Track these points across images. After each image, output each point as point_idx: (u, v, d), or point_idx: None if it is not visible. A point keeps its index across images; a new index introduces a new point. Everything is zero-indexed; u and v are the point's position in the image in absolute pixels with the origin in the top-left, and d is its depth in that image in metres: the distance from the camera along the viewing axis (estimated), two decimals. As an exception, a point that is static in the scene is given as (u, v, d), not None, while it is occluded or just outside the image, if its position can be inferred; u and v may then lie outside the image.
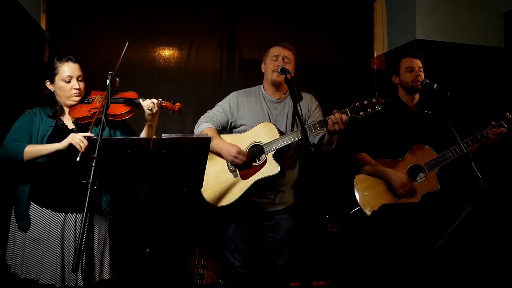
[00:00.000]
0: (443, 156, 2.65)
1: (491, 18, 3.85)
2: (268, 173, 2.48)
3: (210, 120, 2.67)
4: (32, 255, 2.18)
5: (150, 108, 2.20)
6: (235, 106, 2.66)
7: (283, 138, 2.49)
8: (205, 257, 3.37)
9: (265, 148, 2.51)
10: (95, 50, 3.50)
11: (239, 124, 2.67)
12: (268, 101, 2.67)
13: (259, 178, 2.49)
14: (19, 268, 2.19)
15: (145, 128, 2.33)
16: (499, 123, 2.62)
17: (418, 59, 2.84)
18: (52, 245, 2.18)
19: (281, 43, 2.65)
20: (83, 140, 2.01)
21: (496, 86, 3.77)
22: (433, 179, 2.66)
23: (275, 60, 2.59)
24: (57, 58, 2.29)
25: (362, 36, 4.07)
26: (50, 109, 2.30)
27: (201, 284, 3.33)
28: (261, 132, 2.55)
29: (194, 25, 3.73)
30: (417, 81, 2.77)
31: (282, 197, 2.64)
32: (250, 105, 2.66)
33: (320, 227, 3.76)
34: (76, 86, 2.26)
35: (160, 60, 3.68)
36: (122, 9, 3.60)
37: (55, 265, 2.16)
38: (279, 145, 2.48)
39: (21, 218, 2.20)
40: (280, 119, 2.63)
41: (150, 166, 1.97)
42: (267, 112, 2.64)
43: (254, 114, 2.63)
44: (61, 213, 2.22)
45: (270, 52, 2.64)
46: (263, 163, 2.51)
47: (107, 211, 2.35)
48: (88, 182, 1.77)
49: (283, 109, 2.65)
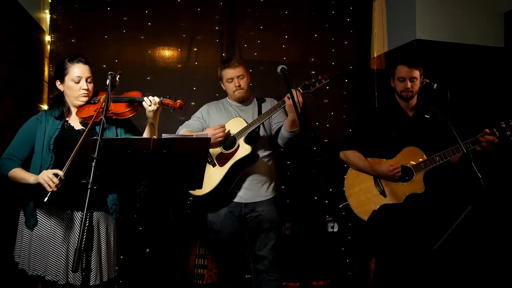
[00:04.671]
0: (432, 160, 2.67)
1: (491, 18, 3.85)
2: (242, 154, 2.70)
3: (187, 127, 2.91)
4: (39, 251, 2.23)
5: (151, 104, 2.26)
6: (206, 114, 2.95)
7: (249, 124, 2.74)
8: (205, 257, 3.37)
9: (236, 137, 2.76)
10: (95, 50, 3.50)
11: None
12: (234, 107, 2.95)
13: (235, 161, 2.71)
14: (26, 265, 2.25)
15: (147, 127, 2.37)
16: (492, 131, 2.61)
17: (415, 68, 2.80)
18: (57, 242, 2.23)
19: (229, 64, 2.84)
20: (53, 179, 2.03)
21: (496, 86, 3.77)
22: (419, 181, 2.70)
23: (231, 82, 2.85)
24: (68, 59, 2.36)
25: (362, 36, 4.07)
26: (57, 109, 2.36)
27: (201, 284, 3.33)
28: (231, 126, 2.80)
29: (194, 25, 3.73)
30: (405, 92, 2.79)
31: (262, 189, 2.83)
32: (219, 111, 2.94)
33: (320, 227, 3.76)
34: (85, 87, 2.33)
35: (160, 60, 3.68)
36: (122, 9, 3.60)
37: (59, 262, 2.21)
38: (247, 130, 2.73)
39: (28, 218, 2.25)
40: (247, 117, 2.86)
41: (150, 166, 1.97)
42: (234, 114, 2.90)
43: (223, 117, 2.89)
44: (67, 210, 2.27)
45: (224, 74, 2.87)
46: (236, 149, 2.75)
47: (113, 210, 2.38)
48: (88, 182, 1.77)
49: (248, 110, 2.92)
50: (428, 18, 3.70)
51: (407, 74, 2.80)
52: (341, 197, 2.89)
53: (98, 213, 2.32)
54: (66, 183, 2.14)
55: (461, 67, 3.70)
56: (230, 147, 2.78)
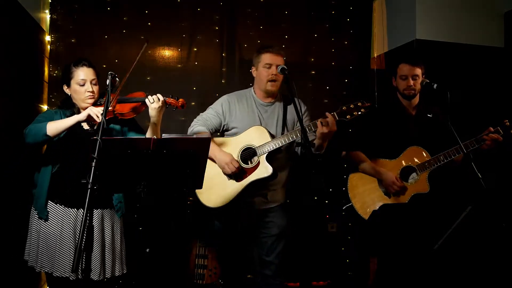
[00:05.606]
0: (436, 159, 2.66)
1: (491, 18, 3.85)
2: (261, 175, 2.55)
3: (204, 123, 2.72)
4: (46, 248, 2.31)
5: (154, 102, 2.29)
6: (227, 110, 2.72)
7: (274, 140, 2.56)
8: (205, 257, 3.37)
9: (258, 151, 2.58)
10: (95, 50, 3.50)
11: (231, 127, 2.73)
12: (258, 105, 2.73)
13: (252, 180, 2.57)
14: (34, 262, 2.33)
15: (150, 127, 2.40)
16: (496, 130, 2.61)
17: (417, 66, 2.81)
18: (65, 239, 2.30)
19: (273, 50, 2.66)
20: (99, 112, 2.20)
21: (496, 86, 3.77)
22: (424, 181, 2.69)
23: (268, 68, 2.61)
24: (73, 64, 2.42)
25: (362, 36, 4.06)
26: (68, 110, 2.42)
27: (201, 284, 3.33)
28: (253, 135, 2.62)
29: (194, 25, 3.73)
30: (408, 90, 2.78)
31: (273, 195, 2.72)
32: (241, 108, 2.72)
33: (320, 227, 3.76)
34: (90, 89, 2.39)
35: (160, 60, 3.68)
36: (122, 9, 3.60)
37: (68, 259, 2.27)
38: (271, 148, 2.55)
39: (42, 210, 2.32)
40: (271, 122, 2.70)
41: (150, 166, 1.97)
42: (258, 116, 2.70)
43: (245, 117, 2.69)
44: (73, 208, 2.34)
45: (262, 58, 2.66)
46: (256, 165, 2.58)
47: (119, 207, 2.44)
48: (88, 182, 1.77)
49: (273, 112, 2.71)
50: (428, 18, 3.70)
51: (409, 72, 2.79)
52: (341, 197, 2.88)
53: (104, 211, 2.40)
54: (73, 181, 2.21)
55: (461, 67, 3.70)
56: (248, 160, 2.62)
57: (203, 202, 2.65)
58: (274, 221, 2.72)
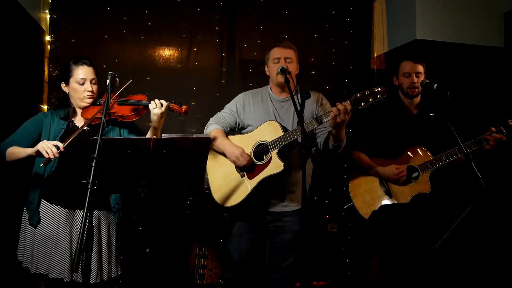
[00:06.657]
0: (438, 159, 2.65)
1: (491, 18, 3.85)
2: (272, 171, 2.49)
3: (218, 121, 2.71)
4: (42, 250, 2.25)
5: (156, 107, 2.25)
6: (241, 107, 2.69)
7: (286, 135, 2.48)
8: (205, 257, 3.37)
9: (269, 147, 2.52)
10: (95, 50, 3.50)
11: (246, 124, 2.70)
12: (274, 101, 2.68)
13: (264, 177, 2.51)
14: (29, 263, 2.26)
15: (150, 130, 2.37)
16: (499, 130, 2.58)
17: (419, 63, 2.81)
18: (61, 240, 2.25)
19: (281, 44, 2.65)
20: (52, 148, 2.07)
21: (496, 86, 3.77)
22: (426, 181, 2.67)
23: (277, 63, 2.59)
24: (73, 62, 2.38)
25: (362, 36, 4.06)
26: (62, 110, 2.39)
27: (201, 284, 3.33)
28: (266, 131, 2.56)
29: (194, 25, 3.73)
30: (412, 88, 2.78)
31: (291, 198, 2.63)
32: (256, 105, 2.68)
33: (320, 227, 3.76)
34: (89, 89, 2.35)
35: (160, 60, 3.68)
36: (122, 9, 3.60)
37: (64, 260, 2.22)
38: (282, 143, 2.47)
39: (32, 216, 2.27)
40: (286, 117, 2.64)
41: (150, 166, 1.97)
42: (273, 111, 2.66)
43: (260, 114, 2.65)
44: (70, 209, 2.29)
45: (271, 54, 2.65)
46: (268, 162, 2.52)
47: (116, 209, 2.40)
48: (88, 182, 1.77)
49: (289, 108, 2.64)
50: (428, 18, 3.70)
51: (412, 69, 2.79)
52: (341, 197, 2.88)
53: (100, 212, 2.34)
54: (69, 181, 2.16)
55: (461, 67, 3.70)
56: (261, 157, 2.56)
57: (217, 201, 2.61)
58: (288, 226, 2.63)
